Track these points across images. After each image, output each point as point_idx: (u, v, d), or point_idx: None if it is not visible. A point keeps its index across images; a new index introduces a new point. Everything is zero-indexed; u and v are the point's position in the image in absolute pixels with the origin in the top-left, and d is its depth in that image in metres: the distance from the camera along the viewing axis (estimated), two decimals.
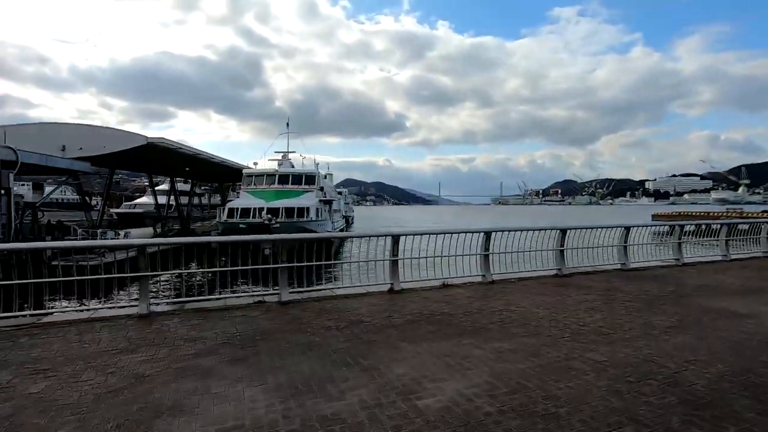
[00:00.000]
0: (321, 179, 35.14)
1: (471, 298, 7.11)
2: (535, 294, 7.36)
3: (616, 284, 8.22)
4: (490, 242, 8.51)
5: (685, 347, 4.73)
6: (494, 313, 6.10)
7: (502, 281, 8.48)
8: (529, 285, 8.16)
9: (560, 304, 6.61)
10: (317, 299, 7.08)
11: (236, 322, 5.78)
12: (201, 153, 33.07)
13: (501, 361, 4.32)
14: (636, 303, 6.72)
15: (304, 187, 32.91)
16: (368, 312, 6.22)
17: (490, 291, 7.67)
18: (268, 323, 5.71)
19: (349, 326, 5.53)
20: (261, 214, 27.70)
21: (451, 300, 6.97)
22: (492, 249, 8.61)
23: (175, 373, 4.05)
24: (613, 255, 10.17)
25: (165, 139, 27.46)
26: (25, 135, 25.44)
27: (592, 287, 7.92)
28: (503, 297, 7.16)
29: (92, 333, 5.31)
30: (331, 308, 6.48)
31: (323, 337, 5.09)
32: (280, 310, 6.47)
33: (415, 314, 6.08)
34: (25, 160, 19.84)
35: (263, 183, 32.68)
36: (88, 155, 26.04)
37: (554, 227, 9.28)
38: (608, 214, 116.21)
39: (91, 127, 27.56)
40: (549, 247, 9.26)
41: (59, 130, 26.46)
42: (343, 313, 6.15)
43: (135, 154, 27.67)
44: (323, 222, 32.25)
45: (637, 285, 8.14)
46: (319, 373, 4.04)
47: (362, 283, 7.87)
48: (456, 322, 5.71)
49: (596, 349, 4.67)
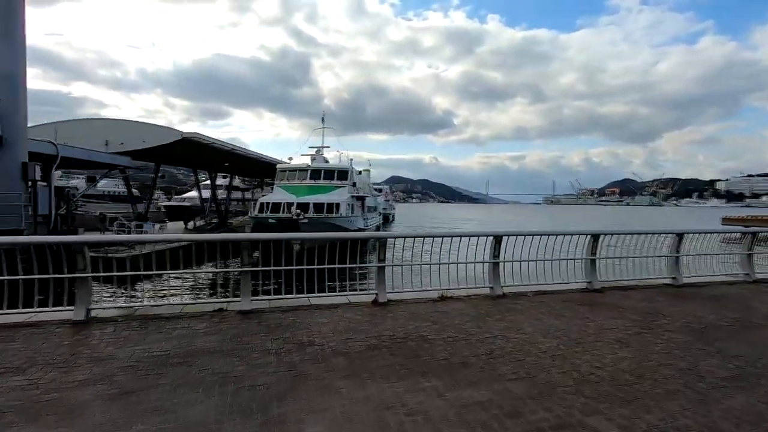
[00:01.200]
0: (354, 175, 34.42)
1: (466, 316, 5.81)
2: (550, 315, 5.92)
3: (660, 305, 6.55)
4: (501, 247, 7.11)
5: (748, 416, 3.23)
6: (484, 341, 4.80)
7: (515, 295, 7.07)
8: (547, 302, 6.69)
9: (577, 331, 5.16)
10: (285, 309, 6.08)
11: (173, 336, 4.90)
12: (236, 148, 33.38)
13: (458, 425, 3.07)
14: (681, 335, 5.12)
15: (336, 182, 32.34)
16: (330, 331, 5.13)
17: (495, 308, 6.31)
18: (205, 340, 4.78)
19: (293, 351, 4.47)
20: (290, 209, 27.44)
21: (440, 318, 5.71)
22: (503, 256, 7.22)
23: (30, 411, 3.19)
24: (662, 267, 8.37)
25: (198, 134, 27.82)
26: (73, 131, 26.73)
27: (627, 308, 6.32)
28: (507, 317, 5.80)
29: (4, 342, 4.63)
30: (292, 323, 5.45)
31: (251, 366, 4.06)
32: (234, 321, 5.53)
33: (384, 337, 4.91)
34: (65, 154, 20.52)
35: (296, 178, 32.49)
36: (129, 150, 26.98)
37: (584, 231, 7.68)
38: (671, 217, 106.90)
39: (131, 123, 28.47)
40: (578, 255, 7.70)
41: (104, 126, 27.53)
42: (299, 331, 5.10)
43: (172, 149, 28.28)
44: (354, 218, 31.54)
45: (688, 307, 6.43)
46: (202, 425, 3.01)
47: (347, 291, 6.81)
48: (430, 351, 4.48)
49: (606, 411, 3.28)
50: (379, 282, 6.63)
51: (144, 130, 27.41)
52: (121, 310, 5.95)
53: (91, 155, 23.31)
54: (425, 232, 7.35)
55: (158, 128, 27.71)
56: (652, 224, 66.31)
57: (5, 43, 14.28)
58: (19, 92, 14.78)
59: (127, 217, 33.45)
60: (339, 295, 6.67)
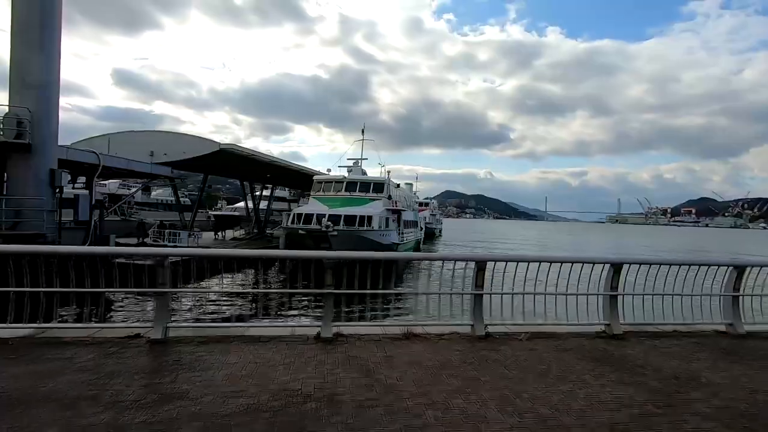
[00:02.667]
0: (391, 188, 33.37)
1: (417, 366, 4.45)
2: (532, 372, 4.38)
3: (700, 366, 4.74)
4: (485, 275, 5.65)
5: None
6: (409, 412, 3.42)
7: (502, 337, 5.55)
8: (540, 350, 5.12)
9: (556, 406, 3.62)
10: (209, 340, 5.06)
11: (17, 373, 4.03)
12: (276, 160, 33.75)
13: None
14: (720, 426, 3.40)
15: (371, 195, 31.47)
16: (224, 377, 4.01)
17: (464, 355, 4.86)
18: (71, 378, 3.85)
19: (152, 406, 3.40)
20: (321, 221, 26.90)
21: (382, 366, 4.39)
22: (491, 286, 5.75)
23: None
24: (713, 309, 6.39)
25: (236, 145, 28.31)
26: (124, 142, 28.25)
27: (649, 368, 4.60)
28: (470, 372, 4.35)
29: None
30: (191, 361, 4.41)
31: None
32: (131, 353, 4.60)
33: (283, 393, 3.69)
34: (107, 164, 21.41)
35: (331, 190, 32.06)
36: (171, 160, 27.99)
37: (604, 260, 5.98)
38: (760, 241, 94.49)
39: (174, 135, 29.62)
40: (593, 289, 6.00)
41: (150, 138, 28.85)
42: (196, 374, 4.03)
43: (212, 160, 29.01)
44: (388, 232, 30.41)
45: (741, 373, 4.58)
46: None
47: (293, 322, 5.69)
48: (321, 425, 3.20)
49: None
50: (326, 311, 5.43)
51: (185, 141, 28.35)
52: (26, 330, 5.22)
53: (132, 165, 24.25)
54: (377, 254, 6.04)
55: (198, 140, 28.53)
56: (735, 249, 58.71)
57: (41, 55, 14.94)
58: (51, 102, 15.38)
59: (173, 226, 34.88)
60: (280, 326, 5.56)
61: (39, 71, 14.89)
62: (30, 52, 14.75)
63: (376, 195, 31.61)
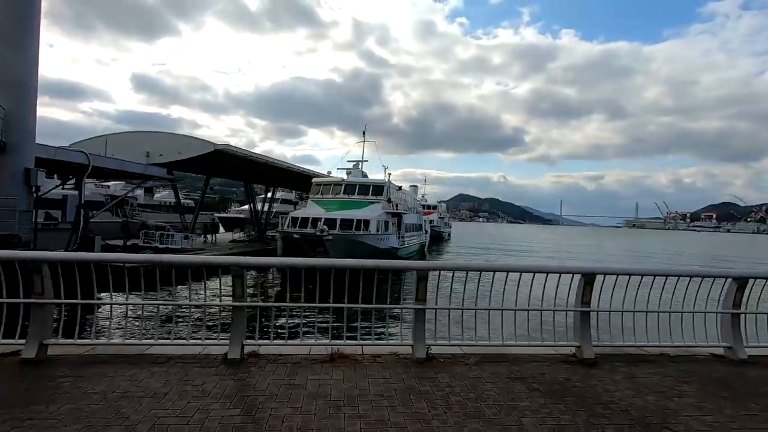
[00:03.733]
0: (391, 191, 32.52)
1: (322, 401, 3.59)
2: (463, 413, 3.48)
3: (682, 404, 3.76)
4: (427, 284, 4.77)
5: None
6: None
7: (448, 360, 4.66)
8: (486, 378, 4.20)
9: None
10: (96, 360, 4.30)
11: None
12: (275, 161, 33.24)
13: None
14: None
15: (370, 198, 30.67)
16: (59, 415, 3.22)
17: (391, 385, 3.98)
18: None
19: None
20: (317, 225, 26.21)
21: (270, 401, 3.55)
22: (437, 300, 4.87)
23: None
24: (710, 328, 5.36)
25: (230, 146, 27.84)
26: (121, 142, 28.07)
27: (616, 409, 3.64)
28: (380, 412, 3.47)
29: None
30: (50, 388, 3.63)
31: None
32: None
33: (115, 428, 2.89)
34: (97, 164, 21.04)
35: (330, 192, 31.37)
36: (167, 161, 27.65)
37: (576, 269, 5.03)
38: None
39: (169, 135, 29.33)
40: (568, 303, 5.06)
41: (146, 138, 28.57)
42: (36, 408, 3.26)
43: (209, 160, 28.59)
44: (387, 236, 29.54)
45: (735, 415, 3.60)
46: None
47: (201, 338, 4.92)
48: None
49: None
50: (235, 327, 4.62)
51: (180, 141, 27.99)
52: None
53: (124, 165, 23.92)
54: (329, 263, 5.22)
55: (193, 140, 28.14)
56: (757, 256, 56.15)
57: (17, 54, 14.58)
58: (27, 102, 15.01)
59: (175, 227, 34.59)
60: (192, 344, 4.74)
61: (15, 70, 14.52)
62: (6, 50, 14.39)
63: (375, 198, 30.81)
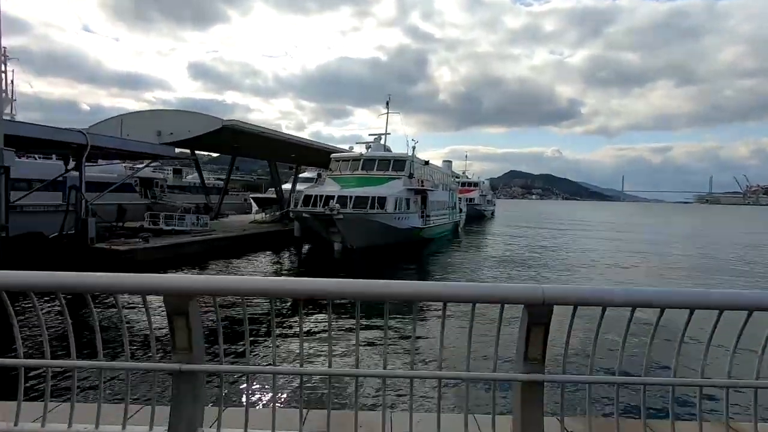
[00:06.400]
0: (415, 165, 29.68)
1: None
2: None
3: None
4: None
5: None
6: None
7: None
8: None
9: None
10: None
11: None
12: (289, 137, 31.45)
13: None
14: None
15: (390, 173, 28.11)
16: None
17: None
18: None
19: None
20: (330, 203, 24.20)
21: None
22: None
23: None
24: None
25: (238, 121, 26.31)
26: (135, 122, 27.51)
27: None
28: None
29: None
30: None
31: None
32: None
33: None
34: (95, 143, 20.17)
35: (348, 169, 29.17)
36: (177, 140, 26.69)
37: (510, 294, 2.36)
38: None
39: (179, 113, 28.31)
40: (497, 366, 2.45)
41: (157, 117, 27.78)
42: None
43: (219, 138, 27.35)
44: (406, 216, 26.99)
45: None
46: None
47: None
48: None
49: None
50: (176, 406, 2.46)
51: (190, 119, 26.89)
52: None
53: (128, 145, 22.97)
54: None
55: (202, 117, 26.94)
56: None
57: None
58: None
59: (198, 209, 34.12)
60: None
61: None
62: None
63: (396, 173, 28.22)
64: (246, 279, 2.41)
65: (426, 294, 2.52)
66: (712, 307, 2.23)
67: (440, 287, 2.51)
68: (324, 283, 2.22)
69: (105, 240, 19.68)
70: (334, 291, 2.26)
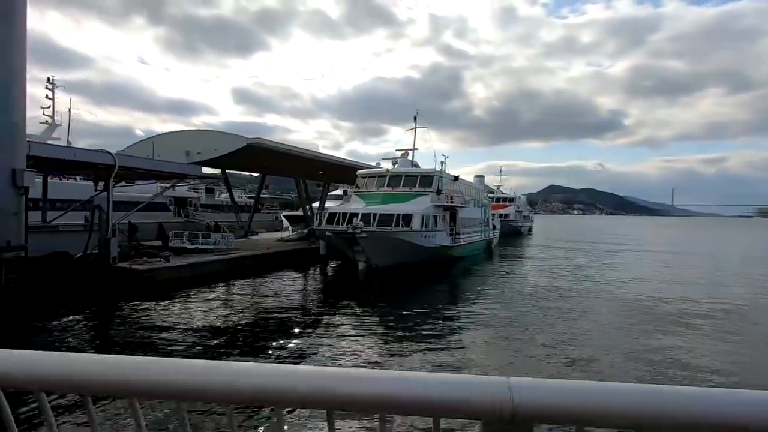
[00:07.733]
0: (443, 181, 28.52)
1: None
2: None
3: None
4: None
5: None
6: None
7: None
8: None
9: None
10: None
11: None
12: (316, 154, 31.20)
13: None
14: None
15: (417, 189, 27.12)
16: None
17: None
18: None
19: None
20: (354, 221, 23.47)
21: None
22: None
23: None
24: None
25: (263, 139, 26.25)
26: (166, 143, 28.21)
27: None
28: None
29: None
30: None
31: None
32: None
33: None
34: (123, 164, 20.54)
35: (374, 185, 28.45)
36: (205, 159, 27.03)
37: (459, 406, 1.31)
38: None
39: (207, 132, 28.73)
40: None
41: (186, 137, 28.30)
42: None
43: (246, 156, 27.46)
44: (433, 234, 25.75)
45: None
46: None
47: None
48: None
49: None
50: None
51: (216, 138, 27.19)
52: None
53: (157, 165, 23.33)
54: None
55: (228, 136, 27.15)
56: None
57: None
58: (10, 97, 14.18)
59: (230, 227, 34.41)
60: None
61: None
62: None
63: (423, 190, 27.18)
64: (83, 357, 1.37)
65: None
66: None
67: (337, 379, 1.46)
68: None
69: (129, 259, 19.78)
70: None
